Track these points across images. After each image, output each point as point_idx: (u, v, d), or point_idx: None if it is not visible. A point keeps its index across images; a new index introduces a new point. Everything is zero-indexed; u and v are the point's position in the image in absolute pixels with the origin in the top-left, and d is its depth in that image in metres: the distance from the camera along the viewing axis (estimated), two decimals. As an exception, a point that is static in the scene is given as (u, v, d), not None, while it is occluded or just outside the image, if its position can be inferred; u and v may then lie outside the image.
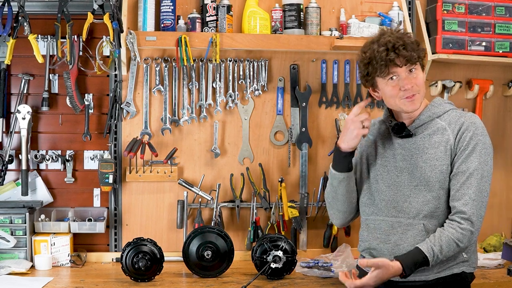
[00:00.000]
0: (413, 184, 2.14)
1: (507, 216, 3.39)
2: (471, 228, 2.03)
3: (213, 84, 3.12)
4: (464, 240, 2.04)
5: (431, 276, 2.11)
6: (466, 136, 2.09)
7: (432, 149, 2.12)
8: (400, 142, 2.20)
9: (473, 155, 2.07)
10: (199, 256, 2.73)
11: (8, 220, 2.87)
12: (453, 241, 2.03)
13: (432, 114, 2.17)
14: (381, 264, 2.02)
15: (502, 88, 3.38)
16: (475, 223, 2.04)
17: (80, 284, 2.62)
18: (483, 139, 2.10)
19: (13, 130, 3.02)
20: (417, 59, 2.09)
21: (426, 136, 2.15)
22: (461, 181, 2.07)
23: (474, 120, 2.13)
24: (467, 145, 2.08)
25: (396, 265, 2.04)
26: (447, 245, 2.03)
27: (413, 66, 2.09)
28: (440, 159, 2.10)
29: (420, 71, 2.13)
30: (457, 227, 2.04)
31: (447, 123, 2.14)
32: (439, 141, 2.12)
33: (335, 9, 3.24)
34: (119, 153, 3.09)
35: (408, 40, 2.08)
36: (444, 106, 2.19)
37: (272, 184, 3.17)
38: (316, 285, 2.63)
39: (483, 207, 2.07)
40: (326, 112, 3.24)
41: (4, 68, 3.02)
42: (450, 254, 2.06)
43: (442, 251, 2.03)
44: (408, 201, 2.15)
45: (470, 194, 2.05)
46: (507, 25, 3.17)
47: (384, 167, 2.23)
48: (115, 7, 2.85)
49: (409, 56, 2.06)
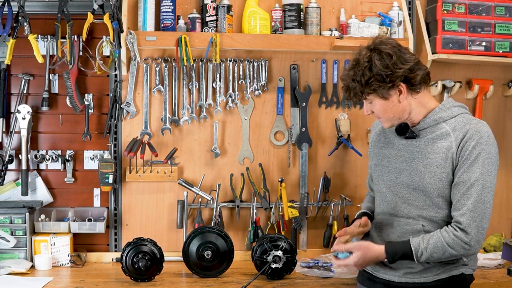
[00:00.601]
0: (412, 187, 2.14)
1: (507, 216, 3.39)
2: (465, 237, 2.00)
3: (213, 84, 3.12)
4: (456, 247, 2.01)
5: (430, 278, 2.11)
6: (469, 145, 2.04)
7: (433, 154, 2.09)
8: (403, 143, 2.18)
9: (475, 165, 2.02)
10: (199, 256, 2.73)
11: (8, 220, 2.87)
12: (442, 244, 2.02)
13: (438, 118, 2.13)
14: (358, 246, 2.13)
15: (502, 88, 3.38)
16: (470, 234, 2.00)
17: (80, 284, 2.62)
18: (487, 148, 2.04)
19: (13, 130, 3.02)
20: (364, 96, 2.10)
21: (430, 140, 2.12)
22: (461, 191, 2.04)
23: (479, 128, 2.06)
24: (469, 155, 2.04)
25: (380, 248, 2.11)
26: (434, 245, 2.02)
27: (366, 100, 2.13)
28: (440, 166, 2.08)
29: (375, 101, 2.11)
30: (450, 233, 2.02)
31: (452, 128, 2.10)
32: (441, 147, 2.09)
33: (335, 9, 3.24)
34: (119, 153, 3.09)
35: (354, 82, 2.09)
36: (453, 110, 2.14)
37: (272, 184, 3.17)
38: (316, 285, 2.63)
39: (484, 218, 2.02)
40: (326, 112, 3.24)
41: (4, 68, 3.02)
42: (438, 256, 2.03)
43: (428, 249, 2.02)
44: (407, 203, 2.15)
45: (468, 205, 2.01)
46: (507, 25, 3.17)
47: (385, 167, 2.23)
48: (115, 7, 2.85)
49: (349, 97, 2.15)
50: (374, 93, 2.09)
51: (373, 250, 2.13)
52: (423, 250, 2.03)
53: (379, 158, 2.27)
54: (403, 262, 2.12)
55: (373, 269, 2.24)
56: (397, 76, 2.06)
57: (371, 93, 2.09)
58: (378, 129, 2.34)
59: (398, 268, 2.15)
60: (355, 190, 3.24)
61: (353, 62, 2.12)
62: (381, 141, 2.29)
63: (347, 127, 3.19)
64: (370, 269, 2.25)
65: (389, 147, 2.24)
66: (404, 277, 2.13)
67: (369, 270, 2.26)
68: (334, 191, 3.20)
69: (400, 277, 2.14)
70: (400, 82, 2.07)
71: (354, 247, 2.16)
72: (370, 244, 2.15)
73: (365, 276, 2.29)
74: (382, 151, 2.26)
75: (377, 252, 2.12)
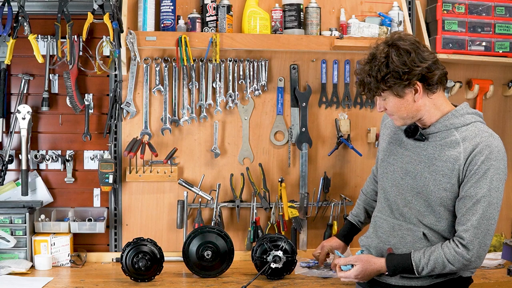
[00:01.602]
0: (415, 191, 2.11)
1: (507, 216, 3.39)
2: (466, 254, 1.99)
3: (213, 84, 3.12)
4: (456, 264, 2.01)
5: (428, 281, 2.10)
6: (478, 160, 1.99)
7: (440, 162, 2.05)
8: (411, 143, 2.15)
9: (483, 180, 1.98)
10: (199, 256, 2.73)
11: (8, 220, 2.87)
12: (443, 260, 2.01)
13: (449, 125, 2.07)
14: (359, 259, 2.14)
15: (502, 88, 3.39)
16: (472, 250, 1.98)
17: (80, 284, 2.62)
18: (496, 164, 1.99)
19: (13, 130, 3.03)
20: (379, 92, 2.06)
21: (438, 146, 2.07)
22: (467, 206, 2.00)
23: (490, 143, 2.01)
24: (478, 169, 1.98)
25: (380, 262, 2.11)
26: (435, 261, 2.02)
27: (380, 97, 2.08)
28: (446, 176, 2.04)
29: (390, 98, 2.06)
30: (452, 249, 2.01)
31: (462, 138, 2.04)
32: (448, 156, 2.04)
33: (335, 9, 3.24)
34: (119, 153, 3.09)
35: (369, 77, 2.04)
36: (466, 118, 2.09)
37: (272, 184, 3.18)
38: (316, 285, 2.63)
39: (488, 235, 2.00)
40: (326, 112, 3.24)
41: (4, 68, 3.02)
42: (438, 270, 2.04)
43: (428, 264, 2.03)
44: (408, 206, 2.13)
45: (473, 221, 1.98)
46: (507, 25, 3.17)
47: (391, 165, 2.20)
48: (115, 7, 2.85)
49: (363, 93, 2.10)
50: (389, 90, 2.04)
51: (374, 263, 2.13)
52: (424, 266, 2.03)
53: (385, 153, 2.24)
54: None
55: None
56: (414, 74, 2.01)
57: (386, 90, 2.04)
58: (388, 121, 2.31)
59: None
60: (355, 190, 3.24)
61: (369, 57, 2.06)
62: (390, 135, 2.26)
63: (347, 127, 3.19)
64: None
65: (397, 143, 2.21)
66: (402, 280, 2.13)
67: None
68: (334, 191, 3.20)
69: (398, 279, 2.14)
70: (416, 80, 2.02)
71: (354, 260, 2.16)
72: (370, 257, 2.15)
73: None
74: (390, 147, 2.23)
75: (377, 265, 2.12)
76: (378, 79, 2.02)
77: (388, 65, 2.00)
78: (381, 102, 2.11)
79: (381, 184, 2.25)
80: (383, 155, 2.26)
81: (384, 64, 2.01)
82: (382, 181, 2.24)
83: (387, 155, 2.23)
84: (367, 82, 2.06)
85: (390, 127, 2.28)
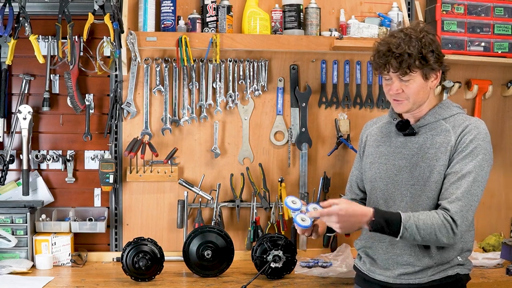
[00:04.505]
0: (410, 183, 2.13)
1: (506, 216, 3.39)
2: (452, 225, 1.97)
3: (213, 84, 3.13)
4: (443, 231, 1.97)
5: (425, 278, 2.10)
6: (466, 138, 2.06)
7: (433, 149, 2.10)
8: (401, 140, 2.18)
9: (469, 157, 2.03)
10: (199, 255, 2.74)
11: (9, 220, 2.88)
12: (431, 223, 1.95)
13: (438, 116, 2.15)
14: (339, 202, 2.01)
15: (501, 88, 3.39)
16: (457, 222, 1.97)
17: (81, 283, 2.62)
18: (483, 144, 2.05)
19: (14, 130, 3.03)
20: (414, 69, 2.04)
21: (429, 136, 2.13)
22: (451, 181, 2.03)
23: (478, 125, 2.09)
24: (466, 147, 2.05)
25: (367, 208, 2.02)
26: (424, 222, 1.96)
27: (405, 76, 2.05)
28: (440, 160, 2.08)
29: (416, 80, 2.06)
30: (441, 215, 1.98)
31: (452, 125, 2.12)
32: (441, 142, 2.09)
33: (334, 10, 3.25)
34: (120, 153, 3.10)
35: (412, 48, 2.02)
36: (452, 109, 2.17)
37: (272, 184, 3.18)
38: (316, 284, 2.64)
39: (470, 211, 1.99)
40: (326, 112, 3.24)
41: (5, 68, 3.02)
42: (423, 234, 1.96)
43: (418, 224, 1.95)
44: (404, 201, 2.14)
45: (458, 194, 1.99)
46: (506, 26, 3.18)
47: (384, 165, 2.21)
48: (116, 8, 2.86)
49: (398, 68, 2.04)
50: (421, 70, 2.05)
51: (360, 206, 2.02)
52: (412, 224, 1.96)
53: (375, 156, 2.25)
54: (398, 263, 2.12)
55: (368, 270, 2.24)
56: (442, 62, 2.11)
57: (419, 69, 2.05)
58: (371, 130, 2.33)
59: (393, 269, 2.15)
60: (355, 190, 3.24)
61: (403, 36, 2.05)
62: (377, 140, 2.28)
63: (346, 127, 3.20)
64: (365, 270, 2.25)
65: (386, 145, 2.23)
66: (399, 278, 2.13)
67: (364, 271, 2.26)
68: (333, 191, 3.20)
69: (395, 278, 2.14)
70: (439, 68, 2.11)
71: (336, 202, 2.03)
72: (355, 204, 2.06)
73: (361, 277, 2.29)
74: (379, 149, 2.25)
75: (364, 209, 2.01)
76: (422, 54, 2.03)
77: (433, 44, 2.07)
78: (399, 84, 2.08)
79: (375, 185, 2.24)
80: (372, 158, 2.27)
81: (428, 43, 2.05)
82: (375, 182, 2.24)
83: (377, 157, 2.25)
84: (408, 54, 2.02)
85: (375, 134, 2.30)
